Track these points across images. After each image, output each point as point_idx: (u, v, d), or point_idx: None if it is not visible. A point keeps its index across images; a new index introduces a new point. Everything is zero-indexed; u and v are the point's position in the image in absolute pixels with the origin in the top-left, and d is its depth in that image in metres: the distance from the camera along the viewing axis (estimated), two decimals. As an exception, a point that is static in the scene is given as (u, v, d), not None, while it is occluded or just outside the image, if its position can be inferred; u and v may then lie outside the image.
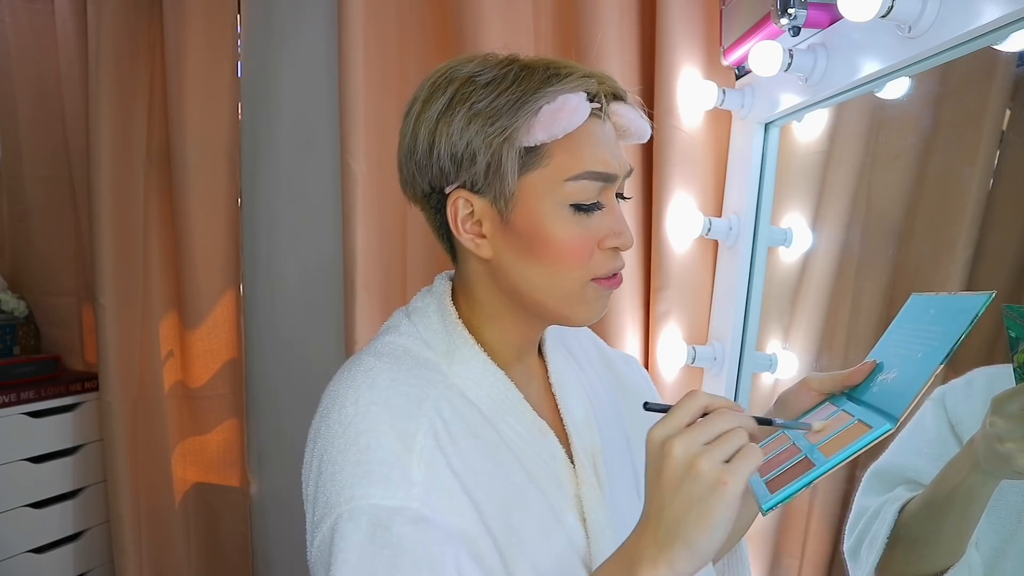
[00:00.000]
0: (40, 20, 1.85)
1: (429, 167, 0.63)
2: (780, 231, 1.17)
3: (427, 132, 0.62)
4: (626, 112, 0.66)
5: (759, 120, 1.14)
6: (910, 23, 0.77)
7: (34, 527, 1.67)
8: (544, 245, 0.61)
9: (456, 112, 0.61)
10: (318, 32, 1.55)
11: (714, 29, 1.21)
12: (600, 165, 0.62)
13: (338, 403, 0.59)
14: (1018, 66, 0.83)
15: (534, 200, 0.61)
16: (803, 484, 0.53)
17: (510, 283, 0.64)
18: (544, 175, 0.61)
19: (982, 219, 0.90)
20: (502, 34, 1.23)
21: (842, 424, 0.58)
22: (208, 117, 1.62)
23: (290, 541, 1.73)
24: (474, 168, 0.61)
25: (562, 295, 0.63)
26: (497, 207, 0.62)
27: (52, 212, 1.87)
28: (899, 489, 0.83)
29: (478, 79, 0.61)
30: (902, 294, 1.03)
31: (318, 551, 0.56)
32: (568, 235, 0.61)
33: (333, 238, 1.53)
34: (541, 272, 0.62)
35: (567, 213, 0.61)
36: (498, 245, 0.63)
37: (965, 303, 0.56)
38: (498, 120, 0.59)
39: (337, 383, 0.62)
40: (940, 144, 0.97)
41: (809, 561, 1.15)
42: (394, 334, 0.67)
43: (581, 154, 0.61)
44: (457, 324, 0.67)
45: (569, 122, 0.60)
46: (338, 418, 0.58)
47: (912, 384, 0.55)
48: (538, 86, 0.60)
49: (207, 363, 1.73)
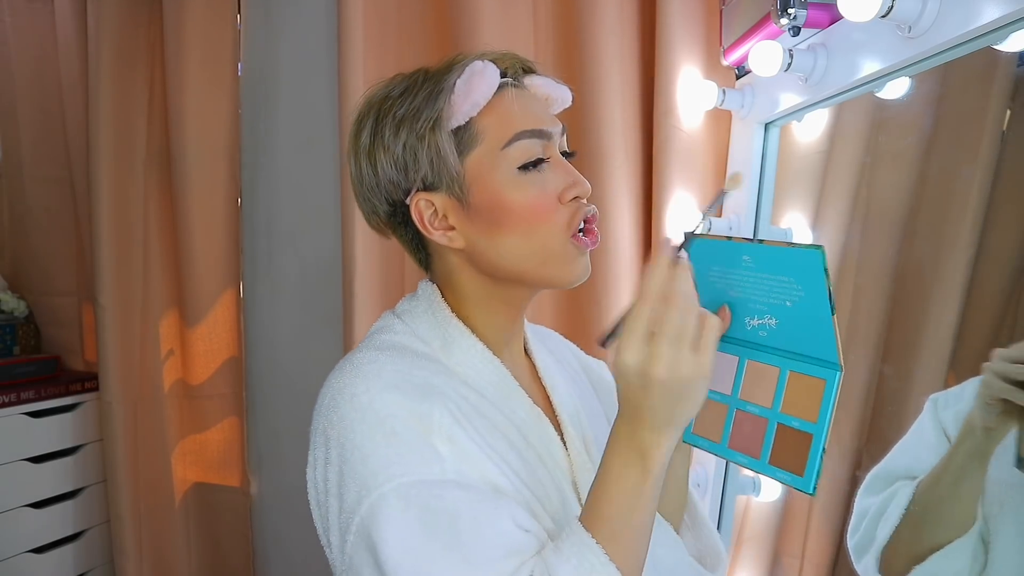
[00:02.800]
0: (40, 20, 1.85)
1: (379, 187, 0.66)
2: (780, 231, 1.17)
3: (366, 157, 0.66)
4: (540, 82, 0.69)
5: (759, 120, 1.14)
6: (910, 23, 0.77)
7: (34, 527, 1.67)
8: (507, 213, 0.63)
9: (384, 127, 0.65)
10: (318, 32, 1.55)
11: (714, 29, 1.21)
12: (529, 123, 0.64)
13: (347, 393, 0.59)
14: (1018, 66, 0.83)
15: (485, 176, 0.64)
16: (820, 451, 0.57)
17: (490, 263, 0.66)
18: (483, 151, 0.64)
19: (982, 219, 0.90)
20: (501, 34, 1.23)
21: (775, 377, 0.62)
22: (208, 117, 1.62)
23: (290, 541, 1.73)
24: (418, 167, 0.64)
25: (541, 257, 0.64)
26: (454, 196, 0.64)
27: (52, 212, 1.88)
28: (899, 483, 0.85)
29: (392, 94, 0.66)
30: (902, 294, 1.03)
31: (356, 537, 0.55)
32: (525, 196, 0.63)
33: (333, 238, 1.53)
34: (514, 241, 0.64)
35: (517, 176, 0.63)
36: (467, 232, 0.65)
37: (796, 257, 0.58)
38: (421, 115, 0.63)
39: (339, 377, 0.61)
40: (940, 144, 0.97)
41: (810, 561, 1.15)
42: (388, 333, 0.68)
43: (509, 120, 0.64)
44: (451, 317, 0.68)
45: (484, 86, 0.63)
46: (353, 406, 0.58)
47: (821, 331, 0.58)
48: (444, 74, 0.64)
49: (207, 363, 1.73)
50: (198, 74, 1.61)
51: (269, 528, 1.75)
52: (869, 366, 1.07)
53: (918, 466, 0.84)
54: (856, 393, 1.07)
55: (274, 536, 1.75)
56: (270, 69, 1.63)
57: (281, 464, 1.72)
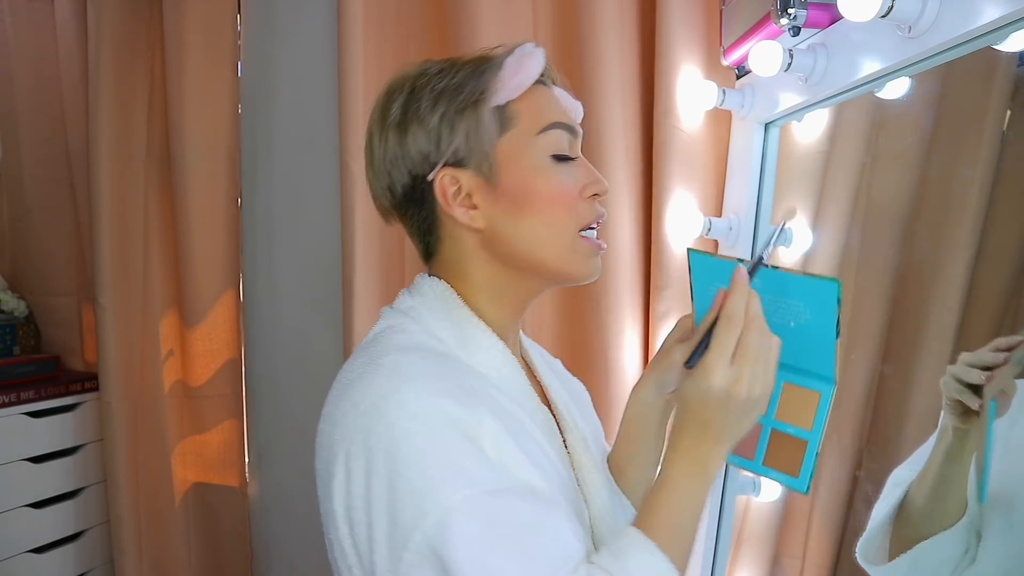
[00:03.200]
0: (40, 20, 1.85)
1: (405, 157, 0.66)
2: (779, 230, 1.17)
3: (395, 128, 0.66)
4: (560, 93, 0.71)
5: (759, 120, 1.14)
6: (910, 23, 0.77)
7: (34, 527, 1.67)
8: (535, 196, 0.64)
9: (420, 99, 0.65)
10: (318, 32, 1.55)
11: (714, 29, 1.21)
12: (564, 117, 0.67)
13: (394, 400, 0.54)
14: (1018, 66, 0.83)
15: (516, 158, 0.64)
16: (815, 456, 0.62)
17: (508, 247, 0.66)
18: (517, 134, 0.65)
19: (982, 219, 0.90)
20: (501, 33, 1.23)
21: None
22: (208, 117, 1.63)
23: (290, 541, 1.73)
24: (453, 139, 0.64)
25: (558, 247, 0.65)
26: (482, 174, 0.65)
27: (52, 212, 1.87)
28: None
29: (429, 70, 0.66)
30: (903, 294, 1.03)
31: (417, 555, 0.52)
32: (555, 183, 0.65)
33: (333, 238, 1.53)
34: (536, 225, 0.64)
35: (549, 163, 0.65)
36: (490, 212, 0.65)
37: (810, 286, 0.61)
38: (465, 88, 0.64)
39: (377, 382, 0.57)
40: (940, 144, 0.97)
41: (811, 562, 1.15)
42: (402, 333, 0.65)
43: (545, 109, 0.66)
44: (470, 314, 0.67)
45: (533, 68, 0.65)
46: (403, 414, 0.54)
47: (823, 351, 0.62)
48: (487, 57, 0.66)
49: (207, 363, 1.73)
50: (198, 74, 1.61)
51: (269, 528, 1.75)
52: (869, 366, 1.07)
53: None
54: (856, 393, 1.07)
55: (274, 536, 1.75)
56: (270, 69, 1.63)
57: (281, 464, 1.72)
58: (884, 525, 0.85)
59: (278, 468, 1.73)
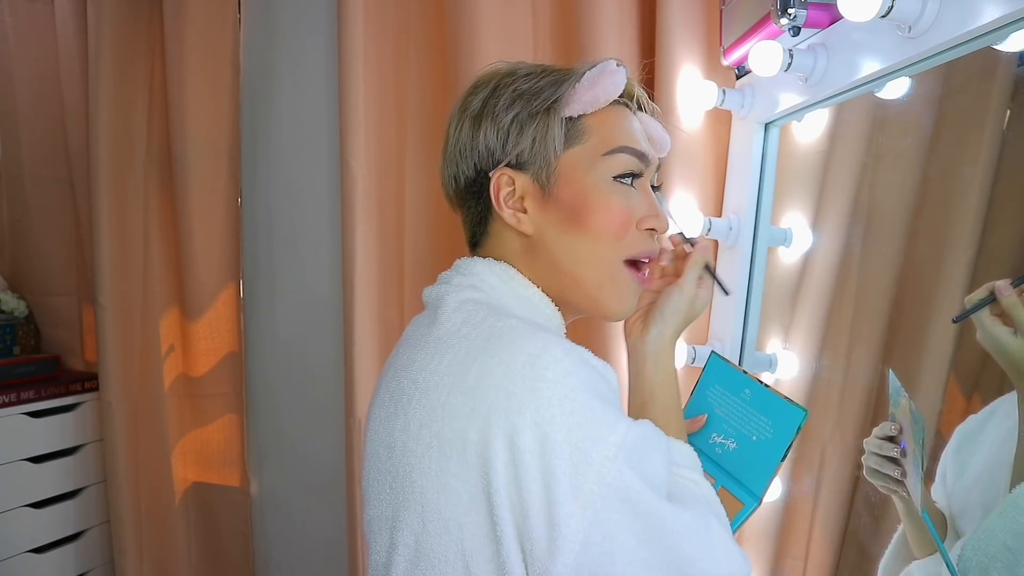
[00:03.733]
0: (40, 20, 1.85)
1: (473, 151, 0.67)
2: (780, 231, 1.17)
3: (472, 119, 0.67)
4: (650, 121, 0.72)
5: (759, 120, 1.14)
6: (910, 23, 0.77)
7: (34, 527, 1.67)
8: (589, 213, 0.65)
9: (501, 96, 0.66)
10: (318, 32, 1.55)
11: (714, 29, 1.21)
12: (635, 143, 0.67)
13: (549, 357, 0.54)
14: (1018, 66, 0.83)
15: (577, 173, 0.65)
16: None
17: (551, 258, 0.66)
18: (584, 151, 0.65)
19: (982, 219, 0.90)
20: (501, 34, 1.23)
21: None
22: (208, 117, 1.62)
23: (290, 541, 1.73)
24: (520, 142, 0.65)
25: (598, 272, 0.66)
26: (539, 182, 0.66)
27: (52, 212, 1.87)
28: None
29: (519, 71, 0.67)
30: (903, 294, 1.03)
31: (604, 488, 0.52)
32: (613, 204, 0.65)
33: (333, 238, 1.53)
34: (583, 242, 0.65)
35: (610, 184, 0.66)
36: (539, 220, 0.66)
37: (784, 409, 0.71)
38: (542, 94, 0.65)
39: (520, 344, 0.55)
40: (940, 144, 0.97)
41: (813, 562, 1.15)
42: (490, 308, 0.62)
43: (617, 131, 0.66)
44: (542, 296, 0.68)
45: (611, 85, 0.65)
46: (560, 371, 0.53)
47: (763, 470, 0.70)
48: (573, 67, 0.66)
49: (207, 363, 1.73)
50: (198, 74, 1.61)
51: (269, 528, 1.75)
52: (869, 366, 1.07)
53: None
54: (856, 393, 1.07)
55: (274, 536, 1.75)
56: (270, 69, 1.63)
57: (281, 464, 1.72)
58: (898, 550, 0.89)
59: (278, 467, 1.73)
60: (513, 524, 0.53)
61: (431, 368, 0.58)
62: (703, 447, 0.76)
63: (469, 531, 0.55)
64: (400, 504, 0.59)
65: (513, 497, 0.53)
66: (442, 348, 0.58)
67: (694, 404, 0.81)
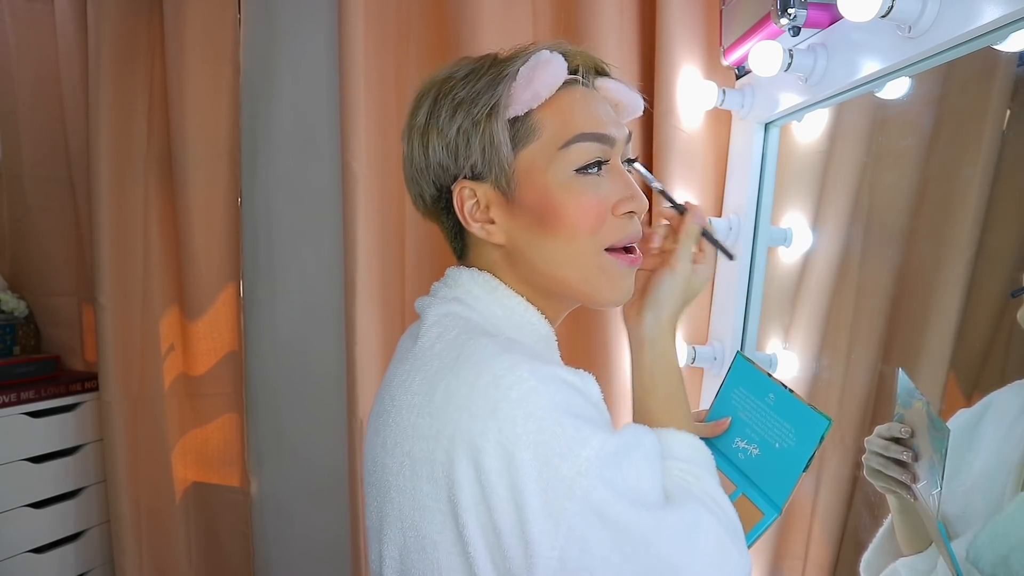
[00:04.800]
0: (40, 20, 1.85)
1: (429, 169, 0.64)
2: (780, 231, 1.17)
3: (419, 137, 0.64)
4: (613, 86, 0.66)
5: (759, 120, 1.14)
6: (910, 23, 0.77)
7: (34, 527, 1.67)
8: (555, 214, 0.61)
9: (441, 108, 0.62)
10: (318, 32, 1.55)
11: (714, 29, 1.21)
12: (592, 126, 0.62)
13: (513, 377, 0.53)
14: (1018, 66, 0.83)
15: (536, 174, 0.62)
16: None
17: (529, 265, 0.64)
18: (539, 148, 0.61)
19: (982, 219, 0.90)
20: (501, 33, 1.23)
21: (728, 490, 0.68)
22: (208, 117, 1.62)
23: (290, 541, 1.73)
24: (470, 153, 0.62)
25: (581, 268, 0.63)
26: (500, 188, 0.63)
27: (52, 212, 1.87)
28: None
29: (456, 75, 0.64)
30: (902, 294, 1.03)
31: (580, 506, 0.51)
32: (578, 200, 0.61)
33: (333, 238, 1.53)
34: (556, 245, 0.62)
35: (573, 179, 0.61)
36: (509, 228, 0.63)
37: (808, 417, 0.67)
38: (480, 99, 0.61)
39: (483, 366, 0.54)
40: (940, 144, 0.97)
41: (812, 563, 1.15)
42: (467, 322, 0.62)
43: (572, 119, 0.61)
44: (525, 304, 0.65)
45: (548, 78, 0.61)
46: (525, 390, 0.52)
47: (785, 479, 0.68)
48: (510, 60, 0.62)
49: (208, 363, 1.73)
50: (198, 74, 1.61)
51: (269, 528, 1.75)
52: (869, 366, 1.07)
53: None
54: (856, 393, 1.07)
55: (274, 536, 1.75)
56: (270, 69, 1.63)
57: (281, 464, 1.72)
58: (881, 544, 0.89)
59: (278, 467, 1.73)
60: (485, 544, 0.53)
61: (405, 386, 0.58)
62: (726, 451, 0.74)
63: (444, 549, 0.55)
64: (383, 519, 0.59)
65: (483, 516, 0.53)
66: (416, 365, 0.59)
67: (719, 406, 0.78)
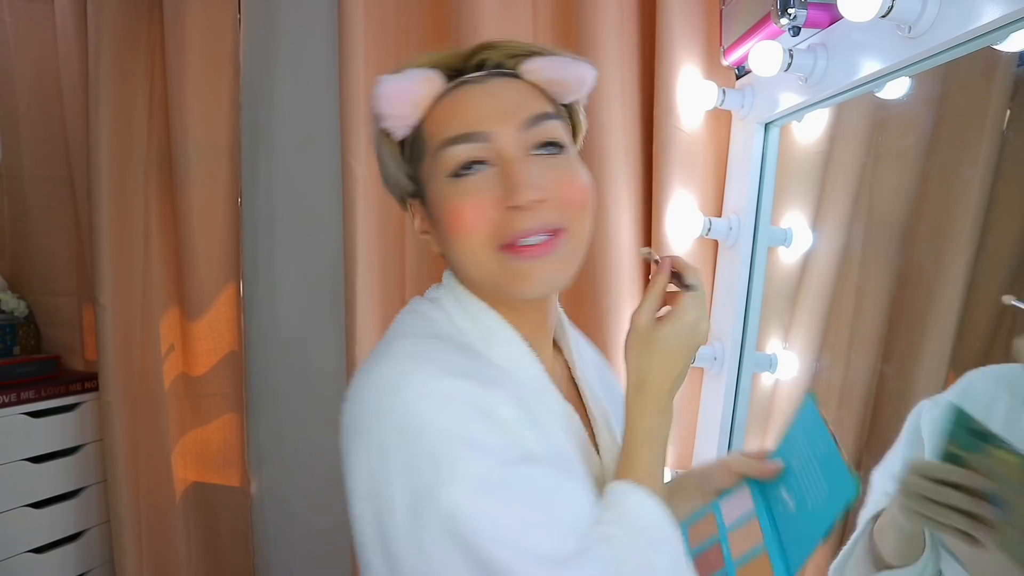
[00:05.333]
0: (40, 20, 1.85)
1: (388, 184, 0.69)
2: (780, 231, 1.17)
3: (375, 155, 0.68)
4: (537, 65, 0.63)
5: (759, 120, 1.14)
6: (910, 23, 0.77)
7: (34, 527, 1.66)
8: (444, 221, 0.62)
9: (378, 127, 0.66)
10: (318, 32, 1.55)
11: (714, 29, 1.21)
12: (457, 128, 0.60)
13: (414, 379, 0.54)
14: (1018, 66, 0.83)
15: (431, 184, 0.63)
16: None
17: (458, 272, 0.66)
18: (428, 159, 0.63)
19: (982, 219, 0.90)
20: (501, 34, 1.23)
21: (754, 542, 0.67)
22: (208, 117, 1.62)
23: (290, 541, 1.73)
24: (395, 175, 0.67)
25: (481, 269, 0.62)
26: (423, 202, 0.66)
27: (52, 212, 1.87)
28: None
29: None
30: (903, 294, 1.03)
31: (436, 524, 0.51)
32: (453, 205, 0.60)
33: (333, 238, 1.53)
34: (457, 249, 0.62)
35: (447, 184, 0.61)
36: (437, 239, 0.66)
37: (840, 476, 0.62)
38: (377, 124, 0.65)
39: (393, 364, 0.56)
40: (940, 144, 0.97)
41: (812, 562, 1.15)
42: (424, 320, 0.65)
43: (441, 126, 0.61)
44: (486, 308, 0.65)
45: (389, 108, 0.62)
46: (420, 392, 0.53)
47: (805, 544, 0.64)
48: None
49: (208, 363, 1.73)
50: (198, 74, 1.61)
51: (269, 528, 1.75)
52: (869, 366, 1.07)
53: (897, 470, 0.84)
54: (856, 393, 1.07)
55: (274, 536, 1.75)
56: (270, 69, 1.63)
57: (281, 464, 1.72)
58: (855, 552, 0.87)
59: (278, 467, 1.73)
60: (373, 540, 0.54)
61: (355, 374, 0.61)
62: (771, 499, 0.70)
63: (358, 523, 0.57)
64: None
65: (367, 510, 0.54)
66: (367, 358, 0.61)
67: (782, 448, 0.73)
